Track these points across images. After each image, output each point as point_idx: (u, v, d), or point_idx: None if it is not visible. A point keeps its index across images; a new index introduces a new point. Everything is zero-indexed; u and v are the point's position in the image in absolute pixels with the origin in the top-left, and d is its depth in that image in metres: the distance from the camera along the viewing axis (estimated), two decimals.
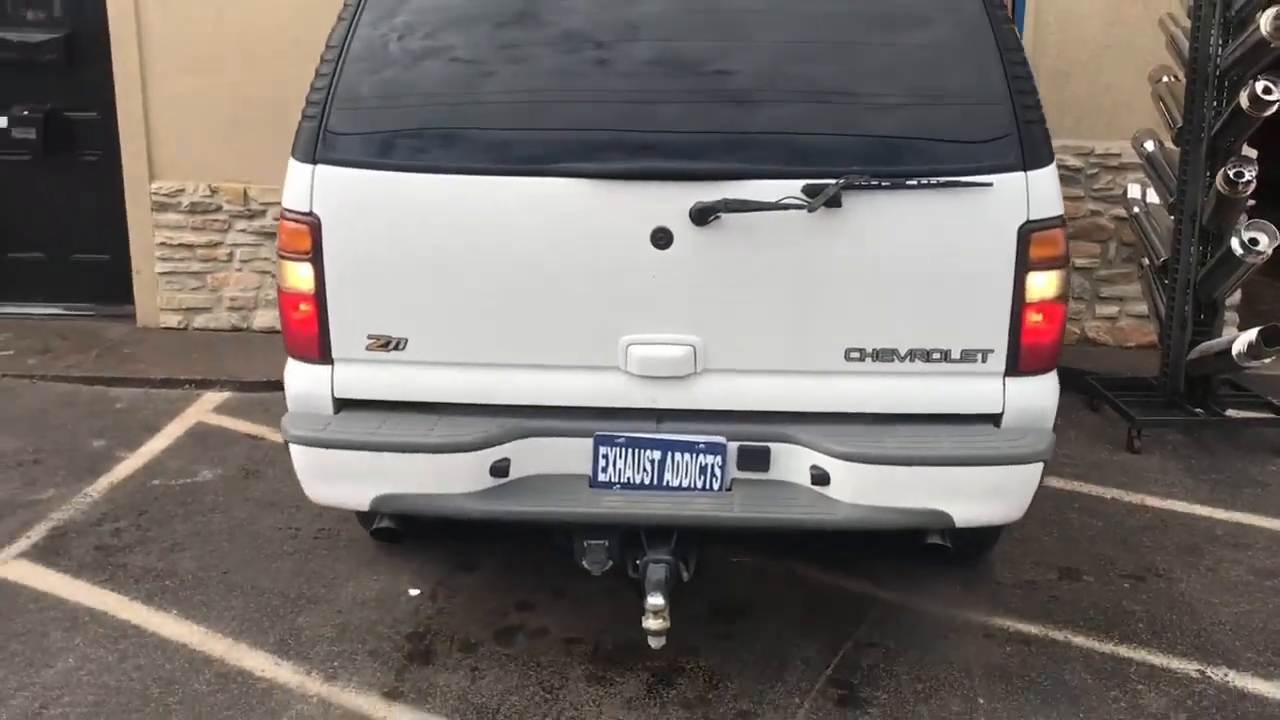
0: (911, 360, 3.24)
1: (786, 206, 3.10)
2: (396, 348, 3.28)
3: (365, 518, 3.79)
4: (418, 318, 3.27)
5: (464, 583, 4.02)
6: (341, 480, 3.26)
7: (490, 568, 4.11)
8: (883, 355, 3.24)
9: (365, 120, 3.27)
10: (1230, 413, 5.50)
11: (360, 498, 3.24)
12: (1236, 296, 6.26)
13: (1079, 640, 3.70)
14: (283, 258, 3.30)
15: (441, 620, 3.77)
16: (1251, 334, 4.90)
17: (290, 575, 4.02)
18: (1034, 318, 3.22)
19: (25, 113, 6.93)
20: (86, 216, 7.11)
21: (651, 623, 3.12)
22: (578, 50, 3.27)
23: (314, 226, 3.22)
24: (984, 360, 3.24)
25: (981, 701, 3.37)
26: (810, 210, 3.10)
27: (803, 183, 3.10)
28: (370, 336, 3.28)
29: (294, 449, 3.27)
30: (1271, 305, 7.28)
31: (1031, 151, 3.16)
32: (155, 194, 6.87)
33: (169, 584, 4.00)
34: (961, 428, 3.25)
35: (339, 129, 3.23)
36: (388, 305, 3.27)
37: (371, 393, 3.32)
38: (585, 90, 3.26)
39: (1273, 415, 5.46)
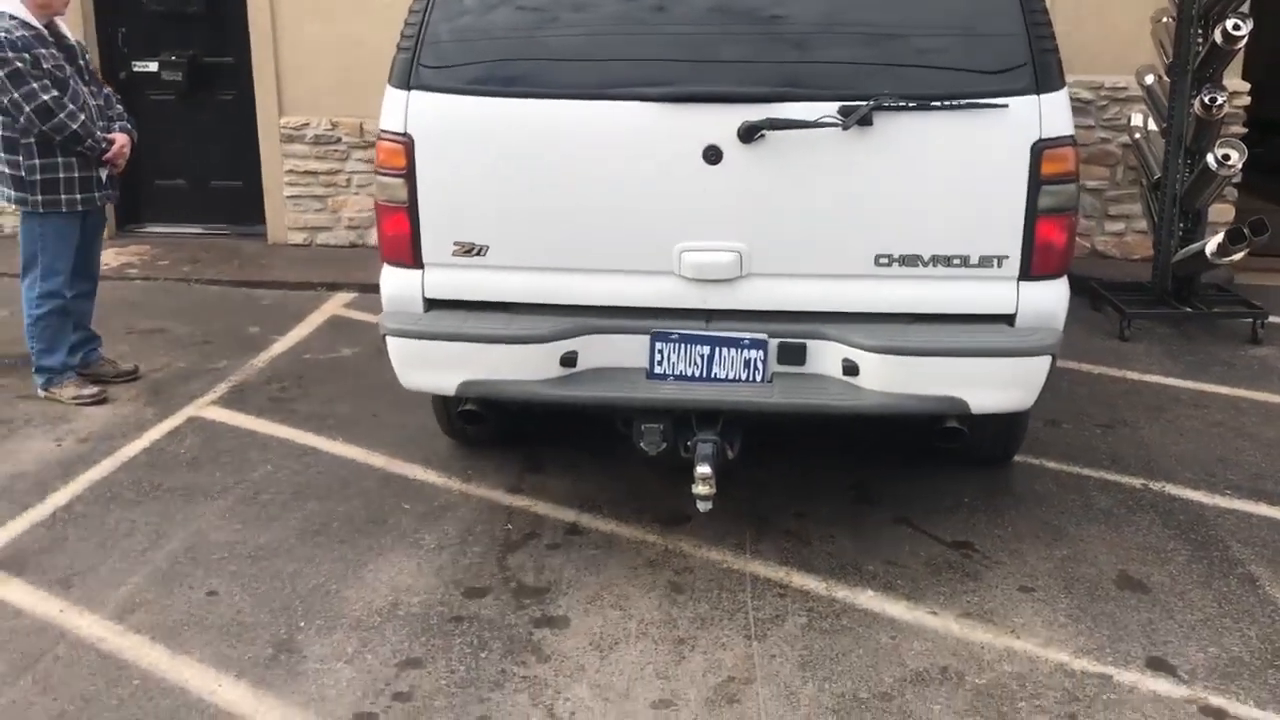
0: (934, 265, 3.55)
1: (823, 125, 3.44)
2: (479, 254, 3.67)
3: (450, 404, 4.25)
4: (497, 227, 3.65)
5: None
6: (431, 368, 3.67)
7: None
8: (908, 260, 3.55)
9: (452, 52, 3.64)
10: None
11: (448, 383, 3.66)
12: (1231, 214, 7.11)
13: (1051, 464, 4.65)
14: (380, 174, 3.69)
15: (550, 446, 4.81)
16: (1220, 236, 5.79)
17: (426, 418, 5.03)
18: (1045, 228, 3.51)
19: (173, 58, 8.06)
20: (223, 148, 8.23)
21: (700, 488, 3.51)
22: None
23: (408, 145, 3.61)
24: (1000, 265, 3.55)
25: (966, 500, 4.35)
26: (844, 128, 3.43)
27: (838, 104, 3.44)
28: (456, 243, 3.67)
29: (390, 341, 3.69)
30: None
31: (1044, 77, 3.46)
32: (283, 128, 7.97)
33: (331, 422, 5.10)
34: (979, 326, 3.59)
35: (430, 60, 3.61)
36: (471, 216, 3.65)
37: (456, 294, 3.73)
38: (645, 25, 3.63)
39: (1245, 309, 6.35)
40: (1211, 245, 5.82)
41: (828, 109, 3.44)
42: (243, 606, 3.62)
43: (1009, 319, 3.60)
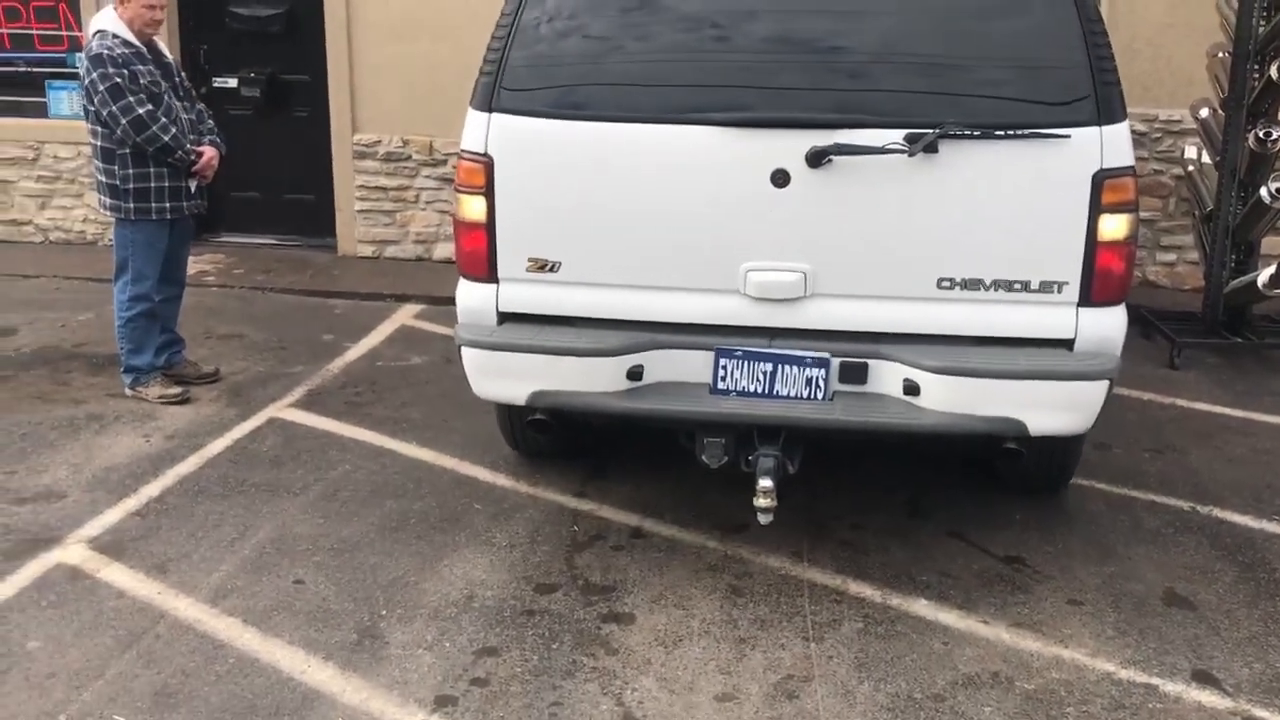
0: (995, 289, 3.66)
1: (890, 151, 3.55)
2: (551, 270, 3.81)
3: (509, 425, 4.61)
4: (570, 244, 3.79)
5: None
6: (504, 378, 3.80)
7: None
8: (970, 284, 3.66)
9: (533, 77, 3.78)
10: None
11: (519, 392, 3.78)
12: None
13: (1101, 485, 4.77)
14: (459, 191, 3.85)
15: (613, 455, 5.00)
16: (1273, 268, 5.88)
17: (493, 424, 5.15)
18: (1105, 255, 3.60)
19: (252, 75, 8.39)
20: (296, 163, 8.53)
21: (761, 500, 3.64)
22: (713, 21, 3.77)
23: (488, 165, 3.76)
24: (1060, 291, 3.65)
25: (1017, 517, 4.48)
26: (910, 155, 3.54)
27: (905, 131, 3.55)
28: (530, 259, 3.81)
29: (465, 351, 3.82)
30: None
31: (1106, 109, 3.55)
32: (356, 144, 8.26)
33: (404, 425, 5.33)
34: (1038, 350, 3.67)
35: (511, 84, 3.76)
36: (545, 233, 3.80)
37: (529, 307, 3.86)
38: (716, 52, 3.75)
39: None
40: (1264, 277, 5.92)
41: (894, 136, 3.56)
42: (328, 595, 3.84)
43: (1068, 344, 3.68)
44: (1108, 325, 3.70)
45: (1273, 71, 5.86)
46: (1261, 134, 5.92)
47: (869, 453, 4.96)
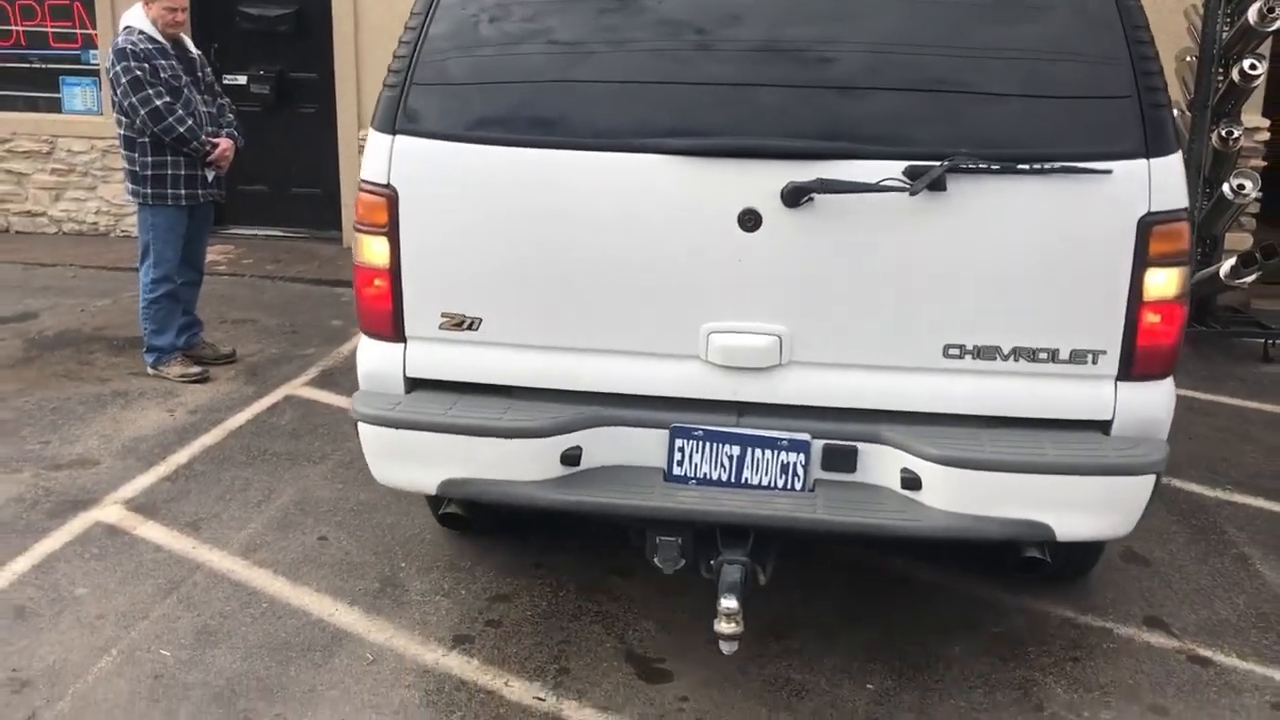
0: (1015, 359, 2.99)
1: (886, 189, 2.88)
2: (470, 327, 3.15)
3: (434, 501, 3.75)
4: (493, 297, 3.13)
5: None
6: (409, 462, 3.15)
7: None
8: (984, 353, 3.00)
9: (446, 93, 3.12)
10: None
11: (427, 481, 3.14)
12: (1248, 242, 7.53)
13: None
14: (359, 231, 3.18)
15: None
16: (1233, 259, 6.24)
17: None
18: (1151, 318, 2.94)
19: (261, 73, 8.71)
20: (303, 158, 8.84)
21: (724, 626, 2.97)
22: (663, 23, 3.10)
23: (390, 199, 3.08)
24: (1095, 362, 2.98)
25: None
26: (912, 194, 2.87)
27: (904, 164, 2.88)
28: (444, 315, 3.15)
29: (361, 428, 3.19)
30: None
31: (1155, 137, 2.87)
32: (362, 140, 8.55)
33: None
34: (1067, 434, 3.02)
35: (419, 100, 3.09)
36: (463, 283, 3.14)
37: (443, 373, 3.21)
38: (673, 64, 3.07)
39: (1258, 329, 6.79)
40: (1225, 268, 6.27)
41: (891, 170, 2.89)
42: (350, 549, 4.15)
43: (1104, 426, 3.04)
44: (1153, 404, 3.04)
45: (1235, 74, 6.21)
46: (1224, 133, 6.28)
47: None
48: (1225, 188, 6.29)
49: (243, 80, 8.72)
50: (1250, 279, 6.30)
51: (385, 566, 4.03)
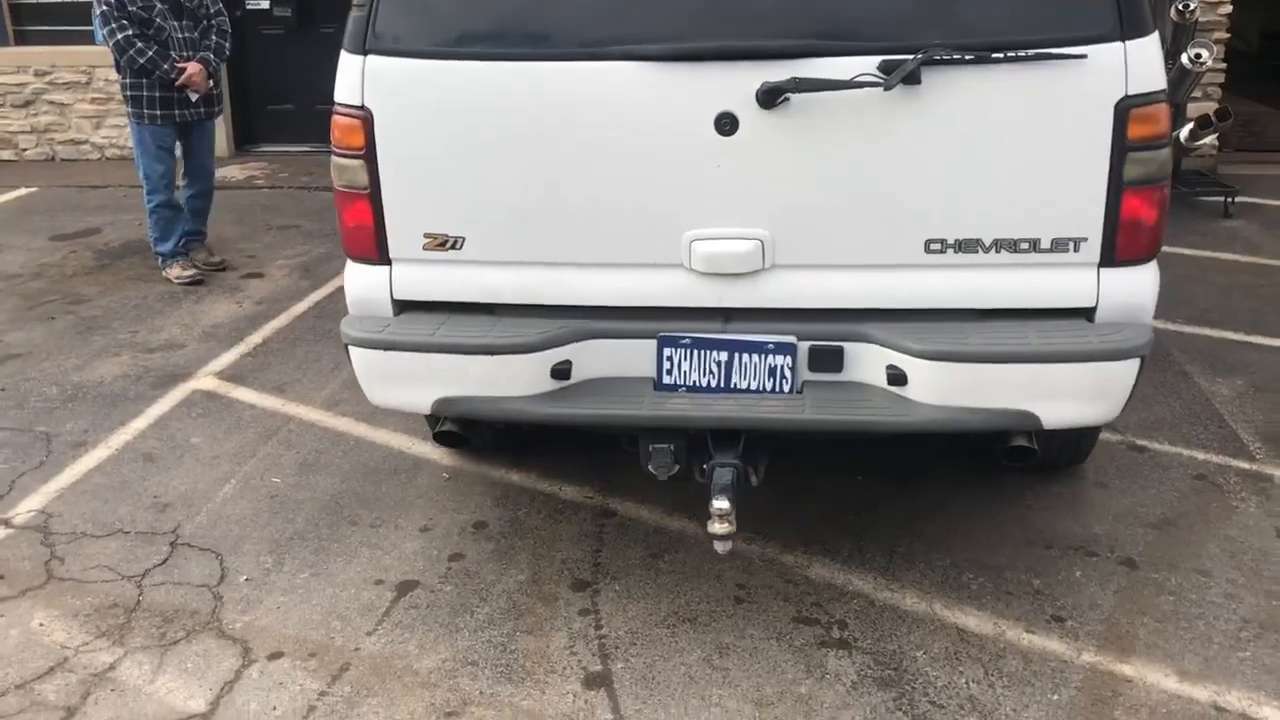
0: (997, 251, 3.00)
1: (861, 85, 2.86)
2: (454, 247, 3.15)
3: (432, 419, 3.73)
4: (474, 215, 3.13)
5: None
6: (402, 383, 3.16)
7: None
8: (966, 246, 3.00)
9: (414, 9, 3.10)
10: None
11: (421, 400, 3.16)
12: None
13: None
14: (336, 155, 3.17)
15: None
16: (1191, 124, 6.82)
17: None
18: (1132, 203, 2.93)
19: None
20: (326, 76, 9.33)
21: (716, 526, 3.02)
22: None
23: (366, 121, 3.07)
24: (1077, 250, 2.97)
25: None
26: (886, 89, 2.85)
27: (878, 59, 2.86)
28: (427, 235, 3.15)
29: (353, 352, 3.18)
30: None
31: (1131, 18, 2.84)
32: None
33: None
34: (1051, 323, 3.01)
35: (388, 17, 3.06)
36: (443, 202, 3.13)
37: (430, 294, 3.22)
38: None
39: (1220, 187, 7.40)
40: (1184, 132, 6.85)
41: (866, 65, 2.87)
42: None
43: (1088, 313, 3.05)
44: (1137, 289, 3.06)
45: None
46: (1180, 6, 6.81)
47: None
48: (1184, 58, 6.84)
49: (265, 4, 9.24)
50: (1207, 140, 6.88)
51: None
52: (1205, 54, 6.80)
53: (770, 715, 2.96)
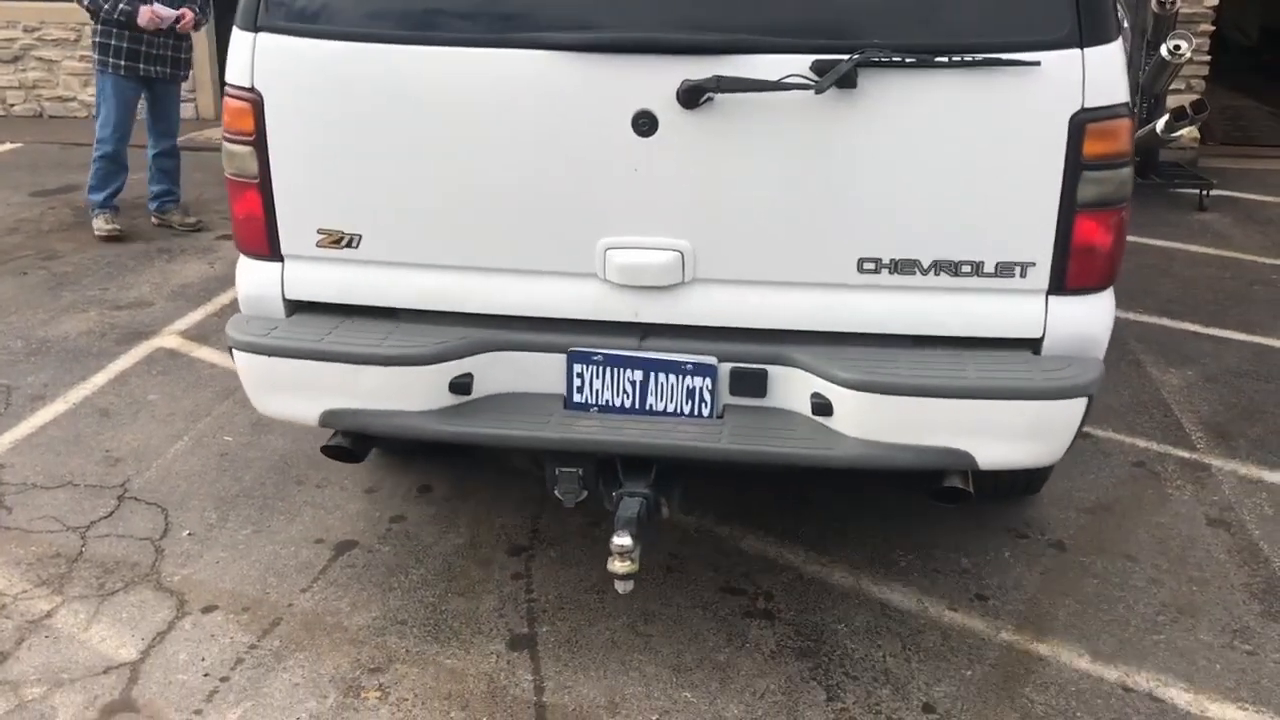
0: (936, 273, 2.75)
1: (790, 87, 2.61)
2: (349, 244, 2.92)
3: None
4: (371, 211, 2.90)
5: None
6: (287, 392, 2.94)
7: None
8: (902, 267, 2.75)
9: None
10: None
11: (307, 412, 2.92)
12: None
13: None
14: (225, 140, 2.94)
15: None
16: (1167, 115, 6.83)
17: None
18: (1086, 226, 2.66)
19: None
20: None
21: (617, 565, 2.77)
22: None
23: (256, 104, 2.84)
24: (1023, 275, 2.72)
25: None
26: (819, 92, 2.58)
27: (811, 58, 2.61)
28: (321, 231, 2.92)
29: (236, 356, 2.97)
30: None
31: (1091, 23, 2.58)
32: None
33: None
34: (992, 354, 2.77)
35: None
36: (339, 196, 2.90)
37: (324, 295, 2.99)
38: None
39: (1196, 180, 7.44)
40: (1160, 124, 6.86)
41: (797, 65, 2.62)
42: None
43: (1034, 344, 2.79)
44: (1087, 320, 2.79)
45: None
46: None
47: None
48: (1163, 49, 6.85)
49: None
50: (1184, 132, 6.90)
51: None
52: (1184, 45, 6.81)
53: (687, 681, 3.02)
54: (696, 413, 2.86)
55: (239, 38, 2.87)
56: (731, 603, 3.33)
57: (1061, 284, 2.74)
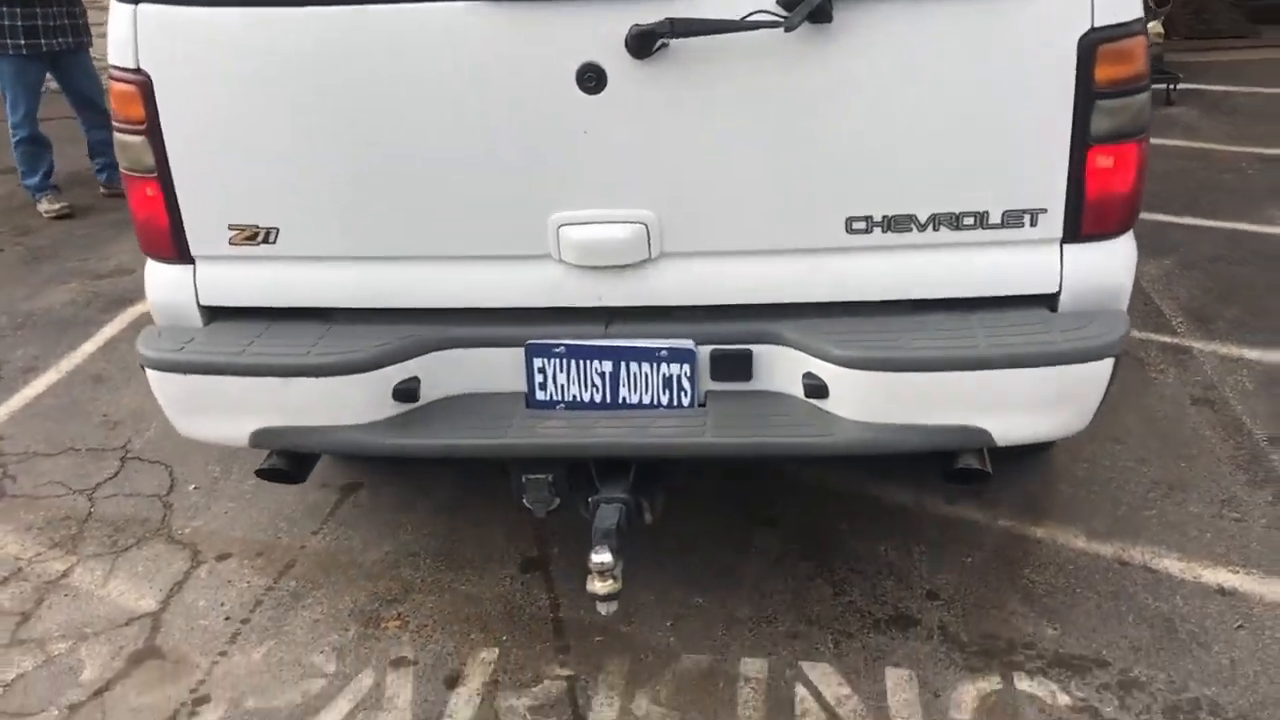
0: (935, 228, 2.44)
1: (756, 25, 2.27)
2: (266, 240, 2.57)
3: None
4: (287, 200, 2.55)
5: None
6: (210, 413, 2.59)
7: None
8: (897, 224, 2.45)
9: None
10: None
11: (235, 433, 2.59)
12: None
13: None
14: (117, 130, 2.59)
15: None
16: None
17: None
18: (1102, 163, 2.36)
19: None
20: None
21: (597, 585, 2.51)
22: None
23: (144, 87, 2.47)
24: (1034, 223, 2.42)
25: None
26: (789, 29, 2.25)
27: None
28: (233, 227, 2.57)
29: (149, 374, 2.61)
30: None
31: None
32: None
33: None
34: (1004, 315, 2.48)
35: None
36: (250, 186, 2.55)
37: (244, 298, 2.65)
38: None
39: (1163, 75, 7.48)
40: None
41: (762, 0, 2.27)
42: None
43: (1050, 301, 2.50)
44: (1109, 268, 2.49)
45: None
46: None
47: None
48: None
49: None
50: (1147, 27, 6.90)
51: None
52: None
53: (698, 588, 3.10)
54: (675, 403, 2.56)
55: (117, 10, 2.47)
56: (735, 514, 3.41)
57: (1077, 231, 2.44)
